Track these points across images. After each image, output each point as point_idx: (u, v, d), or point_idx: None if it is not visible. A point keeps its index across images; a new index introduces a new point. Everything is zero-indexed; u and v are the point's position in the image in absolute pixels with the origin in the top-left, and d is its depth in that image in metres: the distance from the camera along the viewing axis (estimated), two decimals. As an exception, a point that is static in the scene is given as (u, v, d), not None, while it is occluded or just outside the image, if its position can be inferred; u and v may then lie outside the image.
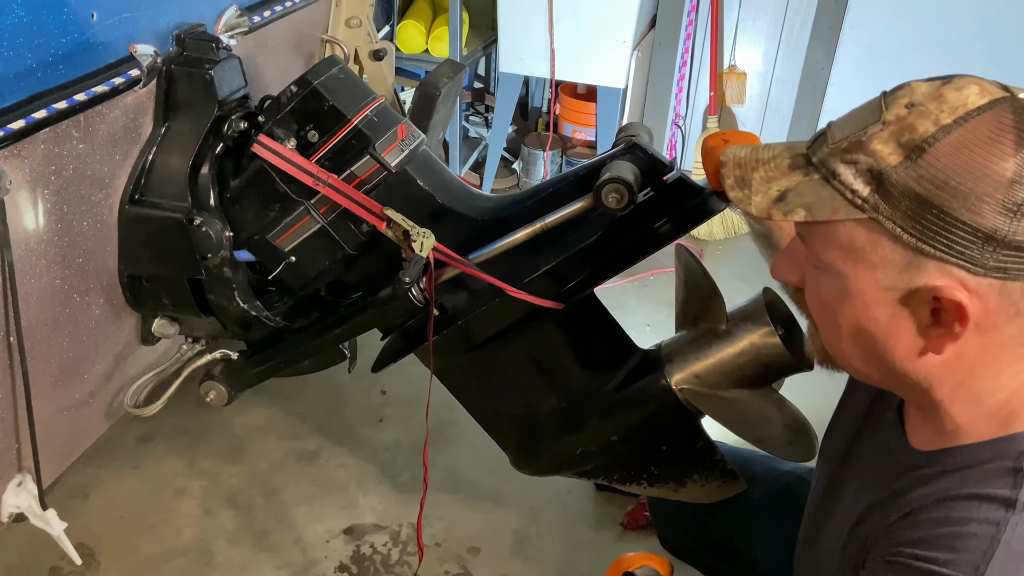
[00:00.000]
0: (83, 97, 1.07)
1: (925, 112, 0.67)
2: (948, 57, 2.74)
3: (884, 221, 0.68)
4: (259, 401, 2.13)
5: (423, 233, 1.18)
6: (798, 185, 0.73)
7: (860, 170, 0.69)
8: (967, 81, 0.68)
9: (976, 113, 0.65)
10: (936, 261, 0.67)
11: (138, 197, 1.23)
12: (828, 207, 0.70)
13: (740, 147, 0.80)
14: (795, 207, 0.72)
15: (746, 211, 0.76)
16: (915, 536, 0.72)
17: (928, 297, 0.69)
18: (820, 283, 0.77)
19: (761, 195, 0.74)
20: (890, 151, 0.67)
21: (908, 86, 0.70)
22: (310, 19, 1.67)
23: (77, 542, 1.73)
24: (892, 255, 0.69)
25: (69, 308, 1.20)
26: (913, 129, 0.67)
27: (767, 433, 1.18)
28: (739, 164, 0.78)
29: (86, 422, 1.37)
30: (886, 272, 0.70)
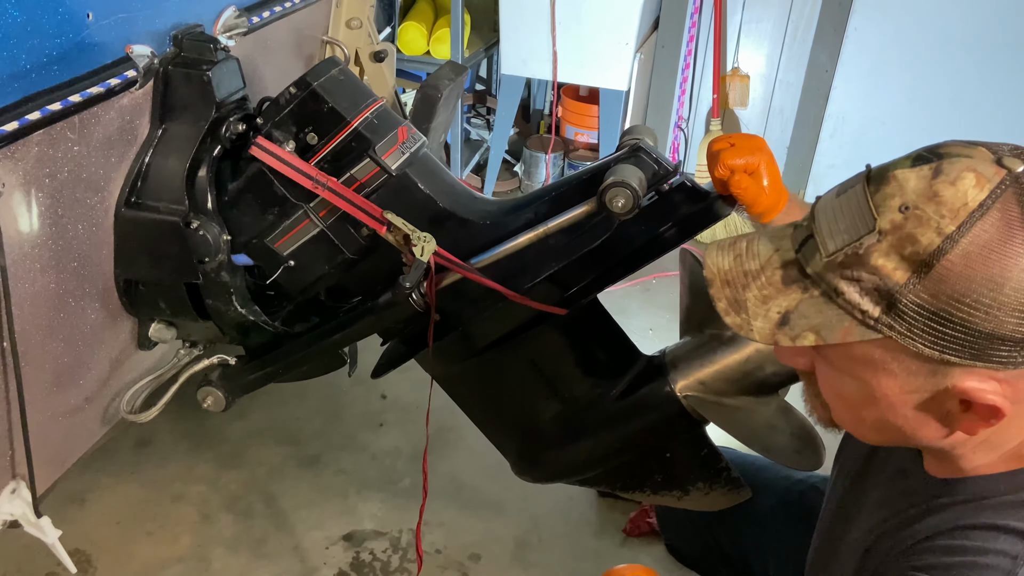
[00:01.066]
0: (78, 98, 1.05)
1: (924, 218, 0.61)
2: (951, 61, 2.72)
3: (902, 339, 0.63)
4: (258, 406, 2.11)
5: (424, 237, 1.16)
6: (799, 305, 0.67)
7: (866, 288, 0.63)
8: (959, 168, 0.62)
9: (979, 212, 0.60)
10: (962, 367, 0.63)
11: (134, 200, 1.21)
12: (838, 329, 0.65)
13: (721, 251, 0.74)
14: (802, 331, 0.67)
15: (748, 337, 0.70)
16: (930, 562, 0.71)
17: (957, 396, 0.66)
18: (836, 381, 0.72)
19: (761, 319, 0.69)
20: (894, 266, 0.62)
21: (895, 179, 0.63)
22: (310, 20, 1.66)
23: (74, 548, 1.71)
24: (915, 366, 0.65)
25: (64, 313, 1.18)
26: (915, 240, 0.61)
27: (773, 441, 1.16)
28: (727, 282, 0.71)
29: (81, 428, 1.35)
30: (910, 380, 0.66)
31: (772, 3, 2.88)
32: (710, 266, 0.74)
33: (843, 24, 2.79)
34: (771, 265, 0.70)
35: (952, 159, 0.63)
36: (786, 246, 0.71)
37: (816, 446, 1.15)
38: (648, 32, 2.93)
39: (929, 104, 2.79)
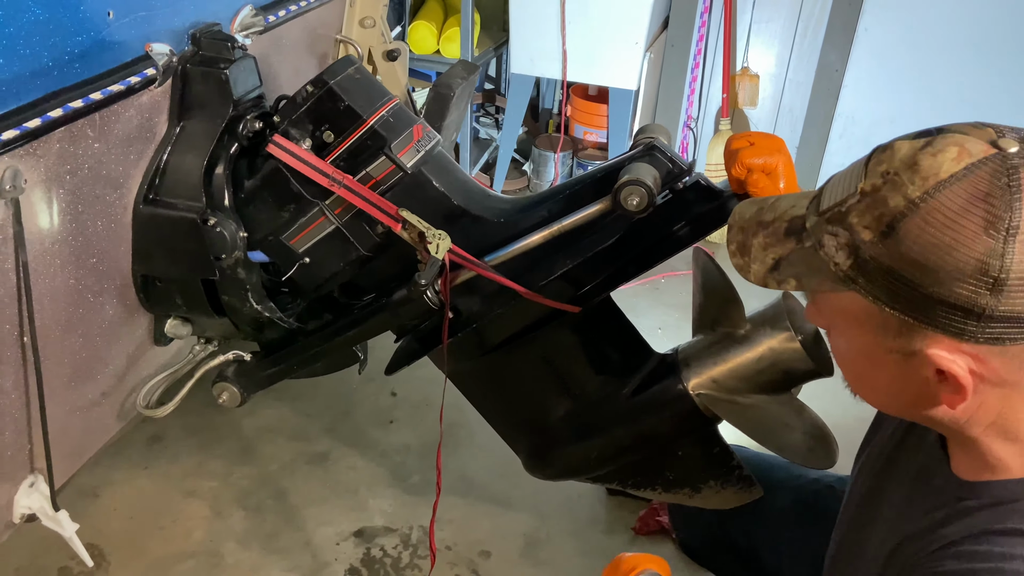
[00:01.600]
0: (99, 96, 1.06)
1: (897, 184, 0.65)
2: (961, 60, 2.72)
3: (864, 295, 0.67)
4: (269, 403, 2.12)
5: (439, 235, 1.17)
6: (791, 254, 0.73)
7: (841, 243, 0.68)
8: (948, 142, 0.65)
9: (948, 183, 0.63)
10: (923, 333, 0.66)
11: (152, 197, 1.22)
12: (815, 278, 0.71)
13: (751, 203, 0.79)
14: (786, 276, 0.72)
15: (745, 278, 0.76)
16: (955, 568, 0.71)
17: (929, 361, 0.68)
18: (835, 339, 0.77)
19: (758, 263, 0.75)
20: (865, 225, 0.66)
21: (891, 149, 0.68)
22: (324, 19, 1.67)
23: (87, 542, 1.71)
24: (884, 321, 0.68)
25: (83, 308, 1.19)
26: (884, 203, 0.65)
27: (786, 440, 1.16)
28: (742, 228, 0.78)
29: (98, 423, 1.36)
30: (883, 337, 0.69)
31: (782, 2, 2.88)
32: (735, 213, 0.79)
33: (853, 23, 2.79)
34: (782, 218, 0.75)
35: (948, 135, 0.66)
36: (802, 203, 0.75)
37: (829, 444, 1.15)
38: (658, 31, 2.94)
39: (939, 103, 2.78)
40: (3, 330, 1.06)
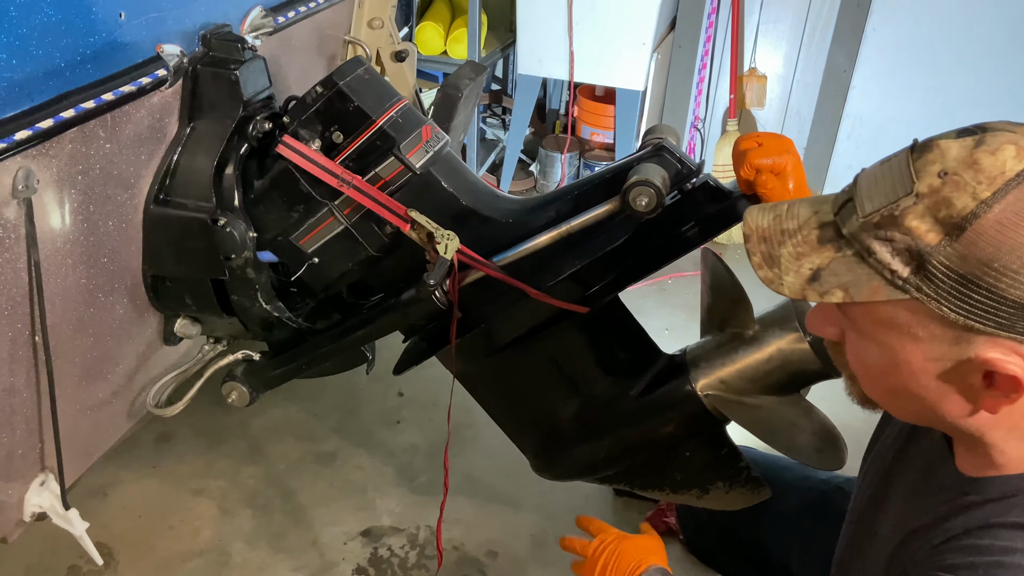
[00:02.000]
0: (111, 97, 1.07)
1: (961, 184, 0.63)
2: (970, 60, 2.71)
3: (928, 302, 0.65)
4: (277, 402, 2.12)
5: (447, 235, 1.17)
6: (831, 263, 0.69)
7: (897, 249, 0.65)
8: (1001, 140, 0.64)
9: (1016, 182, 0.62)
10: (986, 335, 0.64)
11: (163, 197, 1.23)
12: (866, 288, 0.67)
13: (763, 211, 0.76)
14: (831, 288, 0.69)
15: (777, 292, 0.72)
16: (957, 562, 0.71)
17: (980, 367, 0.66)
18: (862, 349, 0.74)
19: (792, 275, 0.71)
20: (927, 228, 0.63)
21: (937, 147, 0.65)
22: (333, 20, 1.67)
23: (96, 541, 1.71)
24: (939, 331, 0.66)
25: (94, 308, 1.20)
26: (950, 204, 0.63)
27: (795, 441, 1.16)
28: (764, 238, 0.74)
29: (108, 422, 1.37)
30: (934, 346, 0.67)
31: (790, 3, 2.87)
32: (749, 223, 0.76)
33: (861, 24, 2.78)
34: (808, 225, 0.72)
35: (996, 132, 0.65)
36: (825, 209, 0.73)
37: (838, 446, 1.15)
38: (665, 32, 2.93)
39: (947, 104, 2.78)
40: (15, 329, 1.07)
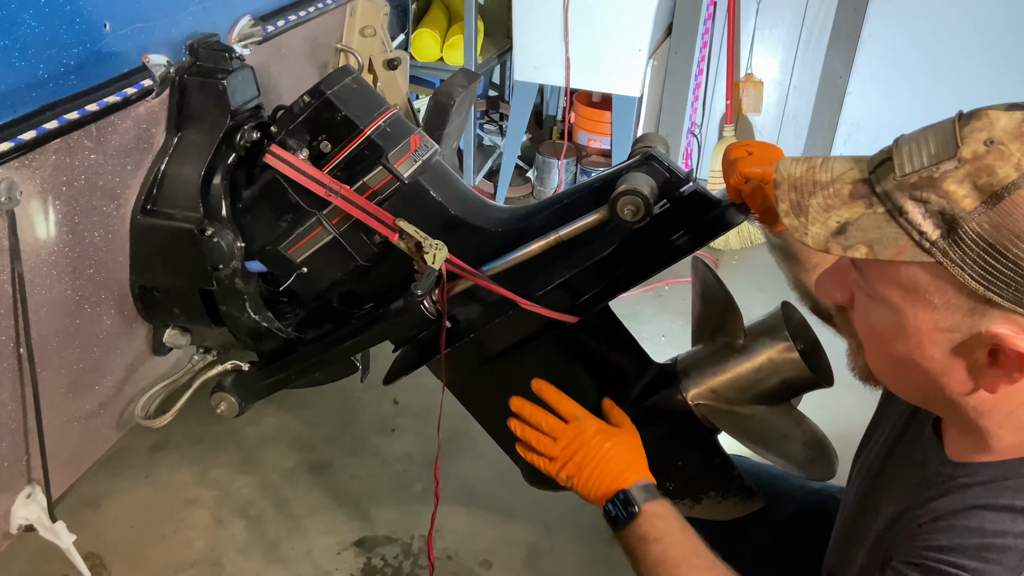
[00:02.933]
0: (95, 107, 1.06)
1: (1006, 154, 0.62)
2: (967, 65, 2.70)
3: (952, 267, 0.65)
4: (271, 411, 2.12)
5: (436, 245, 1.16)
6: (860, 218, 0.68)
7: (931, 211, 0.65)
8: None
9: None
10: (1002, 310, 0.64)
11: (150, 207, 1.22)
12: (892, 246, 0.67)
13: (796, 161, 0.75)
14: (856, 242, 0.68)
15: (800, 240, 0.71)
16: (944, 543, 0.71)
17: (988, 342, 0.66)
18: (872, 312, 0.73)
19: (819, 225, 0.70)
20: (965, 193, 0.63)
21: (987, 116, 0.65)
22: (324, 28, 1.67)
23: (88, 551, 1.73)
24: (956, 300, 0.66)
25: (80, 319, 1.20)
26: (992, 172, 0.63)
27: (785, 451, 1.15)
28: (794, 186, 0.73)
29: (96, 433, 1.36)
30: (947, 315, 0.67)
31: (786, 9, 2.87)
32: (781, 171, 0.74)
33: (857, 30, 2.78)
34: (842, 179, 0.71)
35: None
36: (861, 166, 0.72)
37: (829, 455, 1.14)
38: (661, 38, 2.93)
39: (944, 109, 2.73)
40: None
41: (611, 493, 1.00)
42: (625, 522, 0.97)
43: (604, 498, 1.00)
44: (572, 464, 1.02)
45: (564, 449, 1.05)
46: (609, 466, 1.02)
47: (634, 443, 1.05)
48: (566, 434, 1.06)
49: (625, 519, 0.97)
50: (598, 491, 1.01)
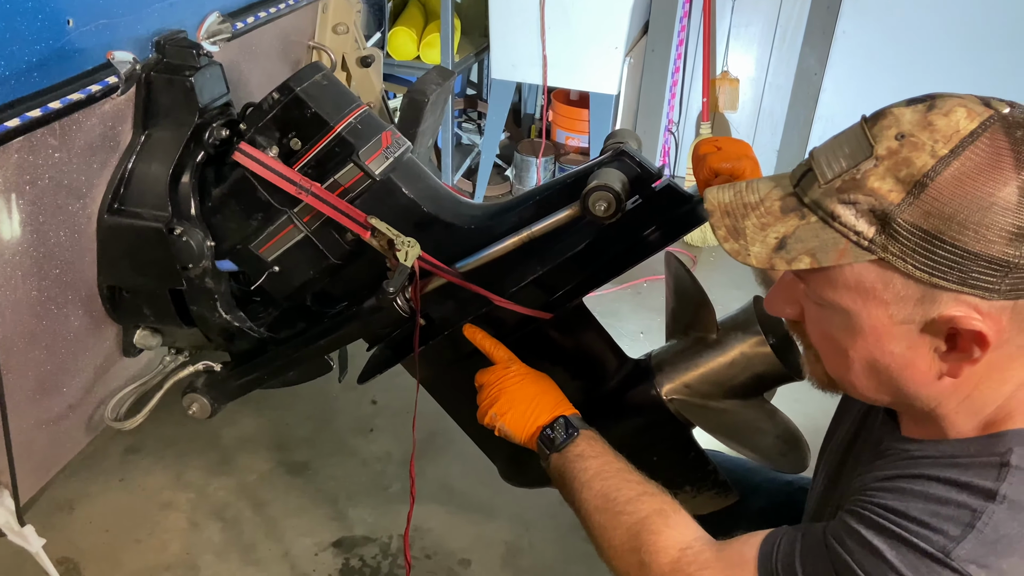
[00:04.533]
0: (58, 105, 1.04)
1: (918, 143, 0.65)
2: (938, 61, 2.73)
3: (894, 260, 0.66)
4: (248, 412, 2.10)
5: (408, 242, 1.15)
6: (797, 230, 0.70)
7: (861, 210, 0.67)
8: (951, 104, 0.66)
9: (970, 139, 0.64)
10: (950, 292, 0.66)
11: (117, 206, 1.20)
12: (833, 251, 0.68)
13: (722, 189, 0.77)
14: (798, 254, 0.70)
15: (744, 262, 0.73)
16: (891, 503, 0.72)
17: (944, 326, 0.68)
18: (825, 320, 0.75)
19: (759, 244, 0.72)
20: (890, 188, 0.65)
21: (891, 114, 0.68)
22: (296, 25, 1.65)
23: (61, 556, 1.71)
24: (904, 291, 0.67)
25: (46, 320, 1.18)
26: (910, 163, 0.65)
27: (758, 444, 1.16)
28: (727, 212, 0.75)
29: (66, 436, 1.34)
30: (899, 307, 0.68)
31: (761, 7, 2.89)
32: (711, 200, 0.77)
33: (831, 27, 2.80)
34: (770, 197, 0.74)
35: (944, 98, 0.67)
36: (784, 183, 0.74)
37: (801, 448, 1.15)
38: (638, 36, 2.94)
39: (918, 106, 2.80)
40: (-37, 343, 1.04)
41: (549, 421, 1.04)
42: (565, 443, 1.00)
43: (539, 427, 1.04)
44: (504, 400, 1.07)
45: (493, 387, 1.09)
46: (546, 398, 1.06)
47: (557, 387, 1.09)
48: (495, 372, 1.11)
49: (565, 439, 1.01)
50: (537, 421, 1.04)
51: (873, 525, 0.71)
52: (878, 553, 0.70)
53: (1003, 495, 0.67)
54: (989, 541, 0.66)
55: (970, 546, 0.66)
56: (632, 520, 0.91)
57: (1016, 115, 0.65)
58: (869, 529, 0.71)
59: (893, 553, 0.69)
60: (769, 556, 0.77)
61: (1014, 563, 0.66)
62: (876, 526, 0.71)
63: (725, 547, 0.83)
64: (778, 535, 0.79)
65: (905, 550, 0.68)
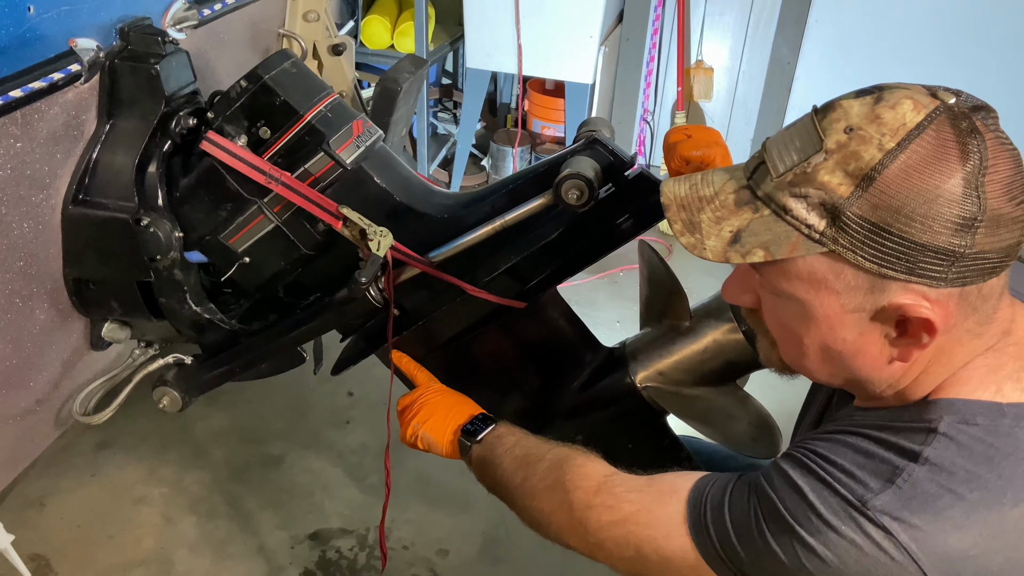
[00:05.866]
0: (19, 93, 1.02)
1: (866, 137, 0.66)
2: (911, 51, 2.76)
3: (844, 252, 0.68)
4: (222, 406, 2.08)
5: (380, 232, 1.14)
6: (751, 223, 0.72)
7: (812, 204, 0.68)
8: (898, 96, 0.67)
9: (916, 132, 0.65)
10: (899, 281, 0.67)
11: (82, 197, 1.18)
12: (786, 244, 0.70)
13: (678, 182, 0.78)
14: (752, 247, 0.71)
15: (700, 256, 0.74)
16: (821, 450, 0.75)
17: (894, 314, 0.69)
18: (780, 308, 0.76)
19: (714, 238, 0.73)
20: (839, 182, 0.67)
21: (840, 106, 0.69)
22: (265, 13, 1.63)
23: (33, 553, 1.68)
24: (855, 281, 0.69)
25: (11, 313, 1.15)
26: (858, 157, 0.66)
27: (731, 430, 1.17)
28: (683, 206, 0.76)
29: (34, 431, 1.32)
30: (850, 296, 0.70)
31: (734, -5, 2.90)
32: (667, 193, 0.77)
33: (804, 16, 2.82)
34: (724, 191, 0.75)
35: (892, 90, 0.68)
36: (739, 175, 0.75)
37: (773, 434, 1.16)
38: (612, 25, 2.94)
39: (889, 95, 2.83)
40: (-77, 338, 1.02)
41: (467, 420, 1.07)
42: (483, 431, 1.04)
43: (459, 426, 1.07)
44: (425, 411, 1.10)
45: (415, 403, 1.12)
46: (464, 407, 1.10)
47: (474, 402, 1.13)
48: (416, 392, 1.15)
49: (483, 429, 1.04)
50: (456, 421, 1.07)
51: (801, 465, 0.75)
52: (800, 491, 0.73)
53: (925, 457, 0.70)
54: (906, 497, 0.69)
55: (887, 499, 0.69)
56: (553, 459, 0.94)
57: (962, 105, 0.66)
58: (796, 469, 0.75)
59: (815, 495, 0.72)
60: (701, 490, 0.81)
61: (927, 519, 0.68)
62: (803, 467, 0.74)
63: (659, 477, 0.87)
64: (715, 476, 0.83)
65: (827, 493, 0.71)
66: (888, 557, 0.68)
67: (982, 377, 0.73)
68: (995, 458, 0.70)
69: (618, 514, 0.85)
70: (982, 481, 0.69)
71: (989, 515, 0.69)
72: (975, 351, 0.73)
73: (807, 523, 0.71)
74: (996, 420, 0.71)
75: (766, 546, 0.74)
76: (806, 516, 0.71)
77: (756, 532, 0.75)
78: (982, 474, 0.69)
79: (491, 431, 1.04)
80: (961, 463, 0.70)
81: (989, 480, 0.69)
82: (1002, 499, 0.69)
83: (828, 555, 0.70)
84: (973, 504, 0.69)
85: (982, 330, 0.72)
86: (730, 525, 0.77)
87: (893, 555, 0.68)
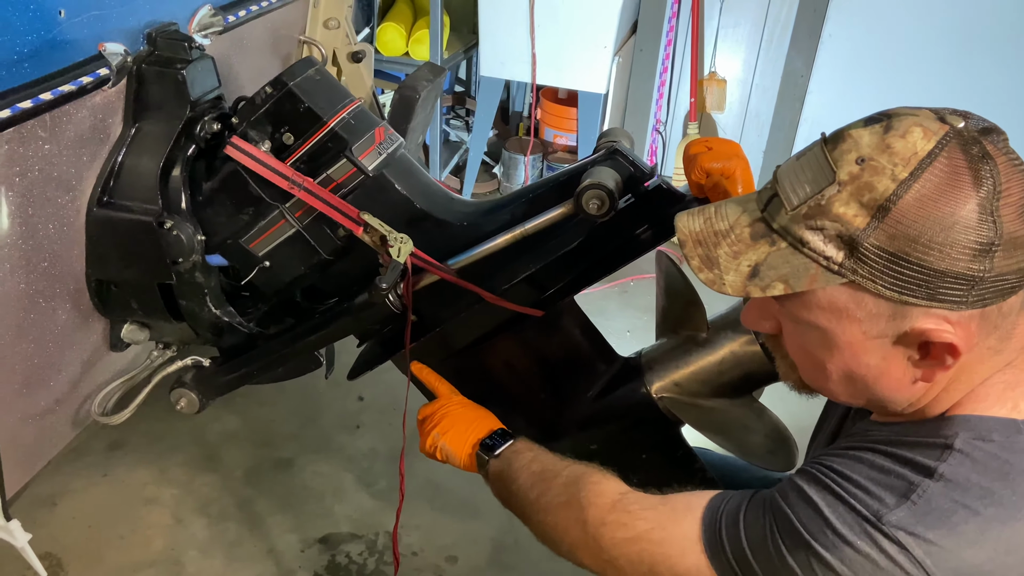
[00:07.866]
0: (49, 96, 1.04)
1: (878, 167, 0.66)
2: (923, 66, 2.77)
3: (864, 282, 0.68)
4: (233, 408, 2.09)
5: (401, 238, 1.15)
6: (768, 257, 0.72)
7: (829, 236, 0.68)
8: (908, 123, 0.67)
9: (928, 160, 0.65)
10: (920, 307, 0.68)
11: (106, 199, 1.19)
12: (805, 277, 0.70)
13: (692, 216, 0.78)
14: (771, 281, 0.71)
15: (720, 291, 0.74)
16: (837, 466, 0.75)
17: (917, 339, 0.70)
18: (801, 335, 0.77)
19: (732, 273, 0.73)
20: (854, 213, 0.67)
21: (850, 137, 0.69)
22: (287, 20, 1.65)
23: (44, 552, 1.69)
24: (876, 308, 0.69)
25: (34, 313, 1.17)
26: (872, 188, 0.66)
27: (747, 442, 1.17)
28: (699, 241, 0.76)
29: (52, 430, 1.33)
30: (872, 324, 0.70)
31: (748, 8, 2.91)
32: (682, 228, 0.78)
33: (818, 30, 2.83)
34: (739, 224, 0.75)
35: (900, 117, 0.68)
36: (752, 207, 0.75)
37: (789, 447, 1.16)
38: (626, 35, 2.95)
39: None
40: (-51, 336, 1.03)
41: (487, 434, 1.07)
42: (502, 447, 1.04)
43: (478, 440, 1.07)
44: (446, 422, 1.10)
45: (436, 414, 1.12)
46: (484, 421, 1.10)
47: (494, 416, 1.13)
48: (437, 403, 1.15)
49: (502, 444, 1.05)
50: (476, 435, 1.08)
51: (816, 481, 0.75)
52: (815, 506, 0.73)
53: (941, 473, 0.70)
54: (921, 512, 0.69)
55: (902, 514, 0.69)
56: (569, 476, 0.94)
57: (971, 129, 0.66)
58: (811, 484, 0.75)
59: (830, 509, 0.72)
60: (716, 507, 0.81)
61: (941, 535, 0.68)
62: (818, 482, 0.75)
63: (673, 495, 0.86)
64: (729, 493, 0.83)
65: (842, 508, 0.72)
66: (903, 572, 0.69)
67: (999, 394, 0.74)
68: (1010, 474, 0.70)
69: (632, 531, 0.85)
70: (997, 497, 0.69)
71: (1004, 531, 0.69)
72: (995, 367, 0.74)
73: (823, 538, 0.71)
74: (1012, 436, 0.72)
75: (782, 562, 0.74)
76: (822, 531, 0.72)
77: (772, 548, 0.75)
78: (997, 490, 0.70)
79: (509, 446, 1.04)
80: (976, 479, 0.70)
81: (1004, 496, 0.69)
82: (1017, 515, 0.69)
83: (844, 570, 0.70)
84: (988, 520, 0.69)
85: (1002, 347, 0.73)
86: (745, 542, 0.77)
87: (908, 570, 0.68)
